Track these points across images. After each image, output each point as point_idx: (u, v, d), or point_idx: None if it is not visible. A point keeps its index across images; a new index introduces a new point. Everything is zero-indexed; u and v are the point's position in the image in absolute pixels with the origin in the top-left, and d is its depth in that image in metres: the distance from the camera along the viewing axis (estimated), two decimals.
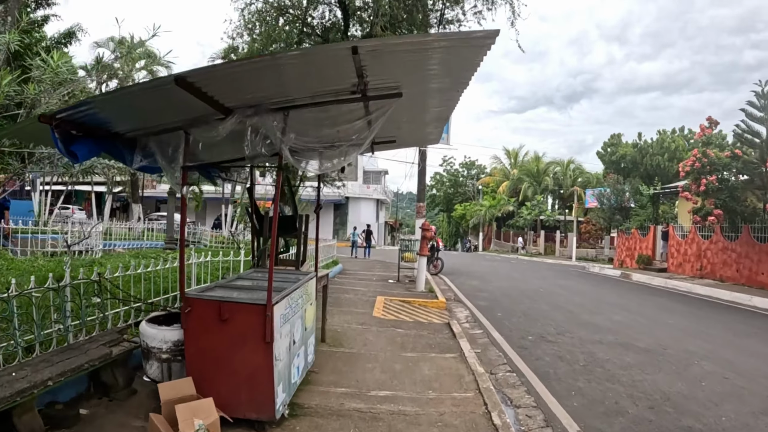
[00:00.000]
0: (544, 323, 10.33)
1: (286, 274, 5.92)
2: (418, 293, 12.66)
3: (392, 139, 6.15)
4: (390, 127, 5.58)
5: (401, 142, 6.35)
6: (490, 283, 17.04)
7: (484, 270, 23.47)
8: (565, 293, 15.43)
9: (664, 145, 35.33)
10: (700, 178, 19.78)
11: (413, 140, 7.07)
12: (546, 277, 21.06)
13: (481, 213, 51.30)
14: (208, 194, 31.89)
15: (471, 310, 11.53)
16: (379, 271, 17.92)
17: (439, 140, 6.72)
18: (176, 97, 3.77)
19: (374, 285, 13.76)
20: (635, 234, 27.11)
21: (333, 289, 12.17)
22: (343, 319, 9.06)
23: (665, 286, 19.18)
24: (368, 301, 10.97)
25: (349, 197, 46.91)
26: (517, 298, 13.70)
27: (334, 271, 15.42)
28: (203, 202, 30.38)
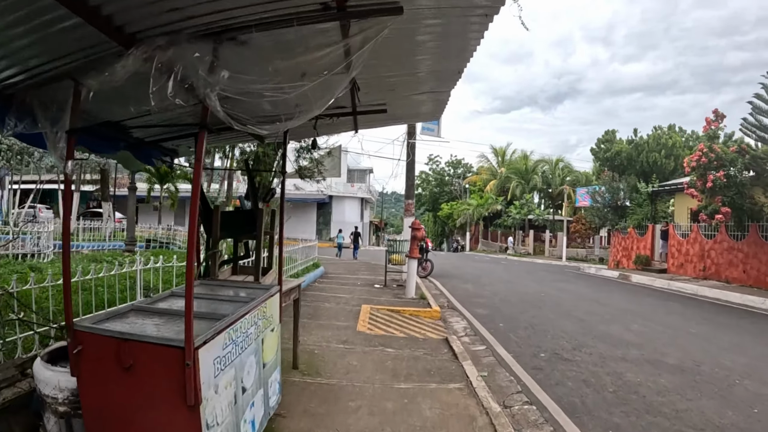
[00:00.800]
0: (555, 335, 8.97)
1: (238, 290, 4.43)
2: (408, 300, 11.23)
3: (381, 107, 4.65)
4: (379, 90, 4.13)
5: (393, 114, 4.91)
6: (485, 287, 15.66)
7: (475, 272, 22.11)
8: (569, 298, 14.11)
9: (661, 141, 34.22)
10: (706, 174, 18.56)
11: (406, 112, 5.52)
12: (542, 279, 19.73)
13: (469, 212, 50.02)
14: (185, 192, 30.21)
15: (469, 320, 10.13)
16: (364, 274, 16.46)
17: (439, 114, 5.26)
18: (59, 20, 2.32)
19: (359, 291, 12.30)
20: (632, 233, 25.93)
21: (312, 297, 10.71)
22: (321, 336, 7.57)
23: (669, 288, 18.03)
24: (352, 312, 9.50)
25: (333, 196, 45.39)
26: (518, 305, 12.33)
27: (315, 275, 13.94)
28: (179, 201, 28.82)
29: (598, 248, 41.27)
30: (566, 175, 49.56)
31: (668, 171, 33.34)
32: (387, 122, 5.38)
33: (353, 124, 4.93)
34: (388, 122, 5.39)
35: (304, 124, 4.24)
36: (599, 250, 40.72)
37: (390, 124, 5.58)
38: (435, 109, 4.90)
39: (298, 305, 5.74)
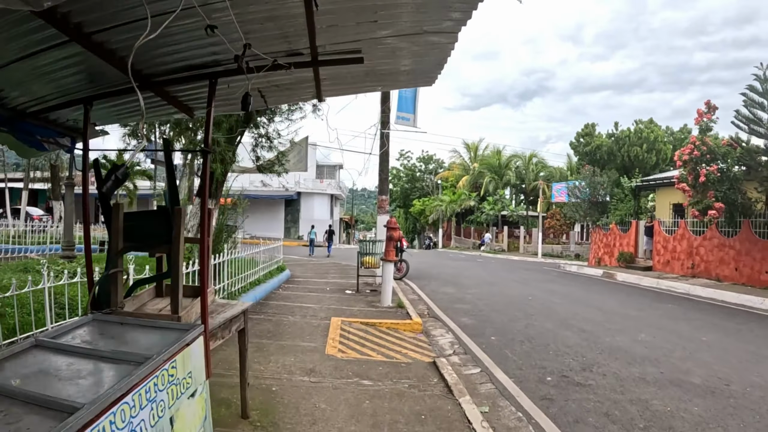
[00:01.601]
0: (558, 351, 7.71)
1: (141, 333, 2.95)
2: (384, 310, 9.84)
3: (355, 54, 3.11)
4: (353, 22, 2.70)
5: (373, 71, 3.41)
6: (468, 290, 14.37)
7: (453, 271, 20.83)
8: (561, 301, 12.91)
9: (642, 135, 33.40)
10: (698, 168, 17.60)
11: (392, 66, 3.84)
12: (526, 279, 18.56)
13: (441, 208, 48.89)
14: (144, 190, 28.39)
15: (455, 333, 8.79)
16: (334, 277, 15.01)
17: (436, 72, 3.75)
18: None
19: (328, 299, 10.85)
20: (614, 229, 25.02)
21: (274, 308, 9.24)
22: (282, 363, 6.09)
23: (659, 287, 17.13)
24: (320, 327, 8.04)
25: (301, 192, 43.71)
26: (507, 311, 11.05)
27: (279, 280, 12.45)
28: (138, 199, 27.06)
29: (574, 244, 40.63)
30: (540, 170, 48.94)
31: (649, 165, 32.57)
32: (364, 85, 3.84)
33: (315, 86, 3.48)
34: (365, 85, 3.85)
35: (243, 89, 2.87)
36: (575, 246, 40.08)
37: (367, 88, 4.06)
38: (434, 63, 3.42)
39: (245, 337, 4.27)
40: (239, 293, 9.06)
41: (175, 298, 3.24)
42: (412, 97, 14.39)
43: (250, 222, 43.02)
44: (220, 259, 7.97)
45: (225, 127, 7.73)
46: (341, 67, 3.19)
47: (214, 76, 3.02)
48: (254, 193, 42.90)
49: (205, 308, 3.17)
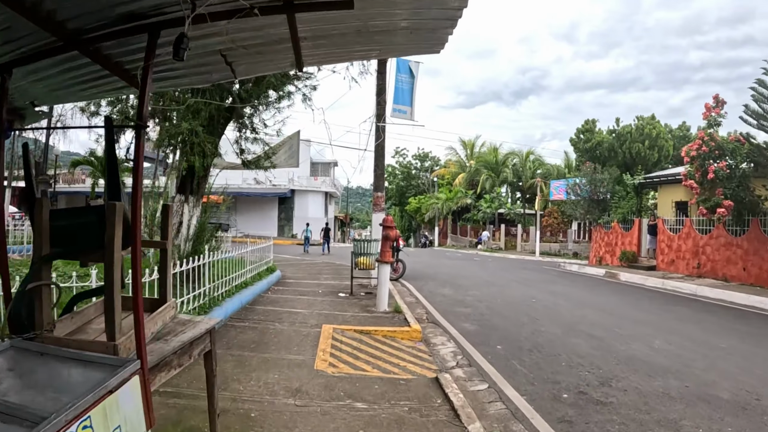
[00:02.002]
0: (572, 362, 7.04)
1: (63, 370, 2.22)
2: (380, 315, 9.13)
3: None
4: None
5: (363, 31, 2.62)
6: (467, 292, 13.67)
7: (450, 271, 20.13)
8: (566, 304, 12.26)
9: (644, 131, 32.69)
10: (705, 165, 16.96)
11: (389, 20, 2.94)
12: (527, 280, 17.89)
13: (438, 206, 48.18)
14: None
15: (457, 341, 8.11)
16: (327, 278, 14.29)
17: (443, 39, 2.99)
18: None
19: (320, 303, 10.13)
20: (616, 228, 24.37)
21: (261, 314, 8.53)
22: (264, 381, 5.36)
23: (664, 287, 16.51)
24: (309, 336, 7.31)
25: (295, 190, 42.92)
26: (511, 316, 10.37)
27: (269, 282, 11.71)
28: None
29: (572, 243, 40.05)
30: (537, 168, 48.35)
31: (651, 162, 31.90)
32: (355, 49, 3.02)
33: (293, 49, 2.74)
34: (356, 49, 3.02)
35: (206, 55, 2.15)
36: (572, 245, 39.51)
37: (359, 53, 3.29)
38: (440, 20, 2.69)
39: (212, 362, 3.52)
40: (222, 298, 8.34)
41: (110, 320, 2.50)
42: (409, 89, 13.68)
43: (243, 220, 42.53)
44: (200, 261, 7.24)
45: (204, 115, 6.99)
46: (325, 20, 2.47)
47: (154, 27, 2.30)
48: (247, 190, 42.28)
49: (140, 337, 2.40)
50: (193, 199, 8.18)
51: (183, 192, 8.30)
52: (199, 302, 7.32)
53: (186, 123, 6.74)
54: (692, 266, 18.68)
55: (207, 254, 7.41)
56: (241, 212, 42.59)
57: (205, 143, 6.88)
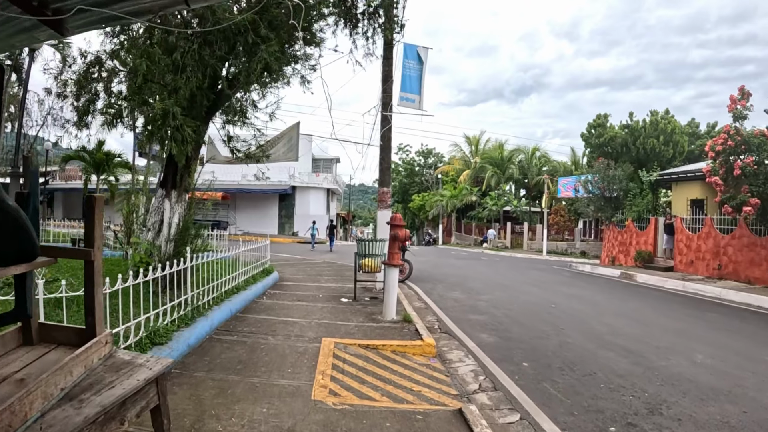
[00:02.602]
0: (611, 383, 6.06)
1: None
2: (387, 325, 8.10)
3: None
4: None
5: None
6: (480, 295, 12.66)
7: (458, 271, 19.09)
8: (588, 310, 11.27)
9: (659, 126, 31.47)
10: (731, 161, 15.90)
11: None
12: (541, 282, 16.87)
13: (442, 203, 47.12)
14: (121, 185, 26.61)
15: (476, 356, 7.10)
16: (328, 281, 13.25)
17: None
18: None
19: (320, 310, 9.09)
20: (630, 227, 23.32)
21: (253, 324, 7.51)
22: (249, 419, 4.25)
23: (685, 290, 15.57)
24: (307, 353, 6.26)
25: (296, 186, 41.84)
26: (533, 325, 9.35)
27: (265, 285, 10.68)
28: None
29: (579, 241, 39.09)
30: (543, 164, 47.30)
31: (666, 159, 30.71)
32: None
33: None
34: None
35: None
36: (580, 243, 38.54)
37: None
38: None
39: (162, 419, 2.49)
40: (209, 306, 7.31)
41: None
42: (417, 76, 12.63)
43: (242, 218, 41.51)
44: (179, 266, 6.22)
45: (183, 94, 5.95)
46: None
47: None
48: (247, 187, 41.31)
49: None
50: (176, 194, 7.18)
51: (165, 186, 7.30)
52: (179, 312, 6.31)
53: (160, 102, 5.70)
54: (713, 267, 17.71)
55: (189, 257, 6.37)
56: (240, 209, 41.61)
57: (184, 127, 5.85)
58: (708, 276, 17.66)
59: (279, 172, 40.13)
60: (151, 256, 7.11)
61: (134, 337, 5.12)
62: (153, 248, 7.05)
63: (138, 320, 5.27)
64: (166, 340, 5.59)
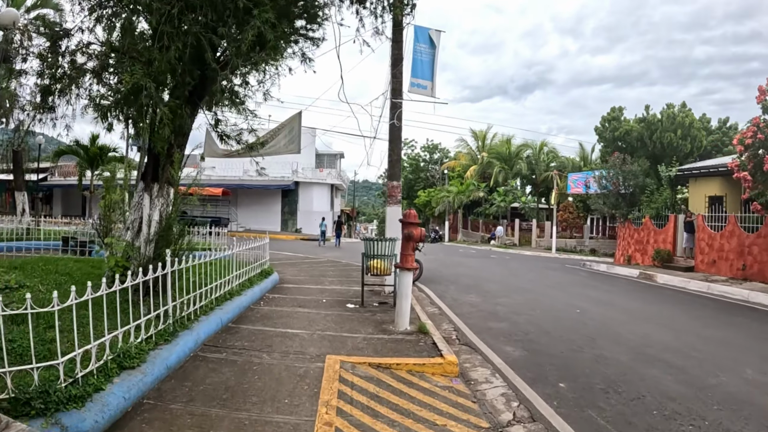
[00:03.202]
0: (663, 408, 5.21)
1: None
2: (400, 337, 7.12)
3: None
4: None
5: None
6: (497, 299, 11.68)
7: (470, 271, 18.09)
8: (616, 315, 10.35)
9: (676, 120, 30.30)
10: (761, 155, 14.85)
11: None
12: (559, 283, 15.92)
13: (449, 199, 46.10)
14: None
15: (504, 375, 6.14)
16: (332, 282, 12.26)
17: None
18: None
19: (324, 318, 8.09)
20: (648, 224, 22.28)
21: (246, 337, 6.55)
22: None
23: (710, 292, 14.62)
24: (308, 376, 5.25)
25: (299, 182, 40.83)
26: (561, 334, 8.37)
27: (262, 289, 9.70)
28: None
29: (588, 238, 38.11)
30: (551, 160, 46.30)
31: (683, 153, 29.58)
32: None
33: None
34: None
35: None
36: (589, 241, 37.57)
37: None
38: None
39: None
40: (196, 316, 6.31)
41: None
42: (429, 60, 11.62)
43: (244, 214, 40.54)
44: (159, 271, 5.25)
45: (159, 67, 4.93)
46: None
47: None
48: (248, 182, 40.27)
49: None
50: (156, 188, 6.20)
51: (144, 179, 6.33)
52: (157, 327, 5.33)
53: (127, 75, 4.70)
54: (737, 268, 16.74)
55: (169, 261, 5.39)
56: (242, 205, 40.66)
57: (160, 106, 4.87)
58: (732, 277, 16.70)
59: (281, 168, 39.17)
60: (130, 260, 6.15)
61: (96, 362, 4.14)
62: (131, 250, 6.08)
63: (101, 341, 4.30)
64: (139, 362, 4.63)
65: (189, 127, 6.31)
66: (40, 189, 41.95)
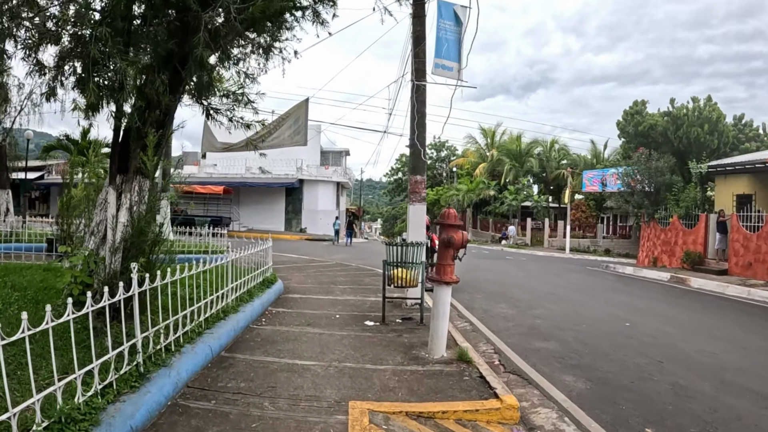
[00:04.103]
0: None
1: None
2: (438, 368, 5.68)
3: None
4: None
5: None
6: (531, 309, 10.26)
7: (490, 276, 16.60)
8: (669, 329, 9.01)
9: (703, 114, 28.74)
10: None
11: None
12: (588, 288, 14.57)
13: (458, 197, 44.65)
14: None
15: (575, 418, 4.75)
16: (344, 291, 10.83)
17: None
18: None
19: (339, 341, 6.65)
20: (676, 224, 20.82)
21: (242, 375, 5.12)
22: None
23: (752, 298, 13.33)
24: None
25: (304, 180, 39.35)
26: (620, 356, 6.96)
27: (264, 302, 8.24)
28: None
29: (602, 238, 36.75)
30: (562, 157, 44.93)
31: (710, 149, 28.04)
32: None
33: None
34: None
35: None
36: (603, 241, 36.21)
37: None
38: None
39: None
40: (178, 346, 4.89)
41: None
42: (455, 39, 10.18)
43: (246, 213, 39.08)
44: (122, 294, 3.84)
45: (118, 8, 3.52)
46: None
47: None
48: (251, 180, 38.83)
49: None
50: (122, 180, 4.76)
51: (111, 169, 4.91)
52: (120, 371, 3.91)
53: None
54: None
55: (136, 279, 3.98)
56: (244, 204, 39.22)
57: (117, 58, 3.49)
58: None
59: (285, 165, 37.80)
60: (93, 274, 4.74)
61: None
62: (92, 262, 4.67)
63: (28, 403, 2.91)
64: (90, 424, 3.23)
65: (170, 102, 4.83)
66: (37, 187, 40.64)
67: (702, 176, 21.98)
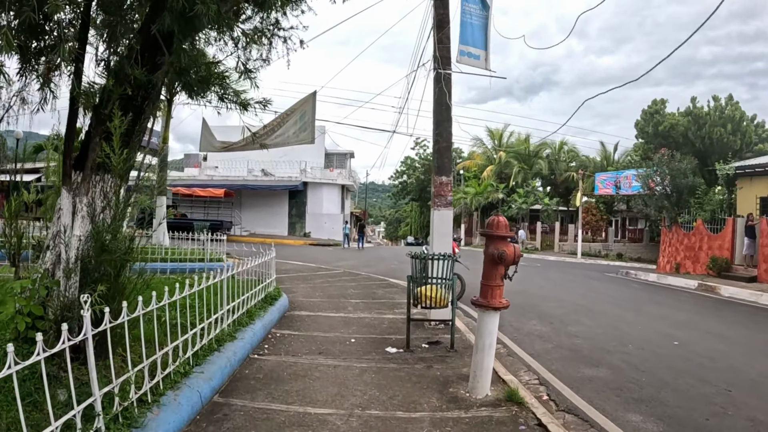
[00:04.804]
0: None
1: None
2: (485, 414, 4.56)
3: None
4: None
5: None
6: (566, 327, 9.13)
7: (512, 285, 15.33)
8: (722, 348, 8.05)
9: (725, 113, 27.61)
10: None
11: None
12: (618, 297, 13.57)
13: (466, 201, 43.53)
14: None
15: None
16: (357, 307, 9.70)
17: None
18: None
19: (358, 376, 5.51)
20: (700, 228, 19.68)
21: (242, 430, 4.03)
22: None
23: None
24: None
25: (308, 182, 38.19)
26: (682, 384, 5.88)
27: (266, 324, 7.07)
28: None
29: (613, 242, 35.71)
30: (571, 159, 43.84)
31: (733, 150, 26.95)
32: None
33: None
34: None
35: None
36: (614, 245, 35.17)
37: None
38: None
39: None
40: (156, 395, 3.80)
41: None
42: (481, 24, 9.10)
43: (248, 217, 37.89)
44: (66, 342, 2.74)
45: None
46: None
47: None
48: (253, 183, 37.70)
49: None
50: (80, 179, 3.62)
51: (64, 164, 3.76)
52: None
53: None
54: None
55: (88, 318, 2.88)
56: (246, 207, 38.06)
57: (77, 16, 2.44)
58: None
59: (288, 167, 36.71)
60: (48, 302, 3.64)
61: None
62: (46, 286, 3.55)
63: None
64: None
65: (144, 78, 3.68)
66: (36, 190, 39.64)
67: (729, 178, 20.85)
